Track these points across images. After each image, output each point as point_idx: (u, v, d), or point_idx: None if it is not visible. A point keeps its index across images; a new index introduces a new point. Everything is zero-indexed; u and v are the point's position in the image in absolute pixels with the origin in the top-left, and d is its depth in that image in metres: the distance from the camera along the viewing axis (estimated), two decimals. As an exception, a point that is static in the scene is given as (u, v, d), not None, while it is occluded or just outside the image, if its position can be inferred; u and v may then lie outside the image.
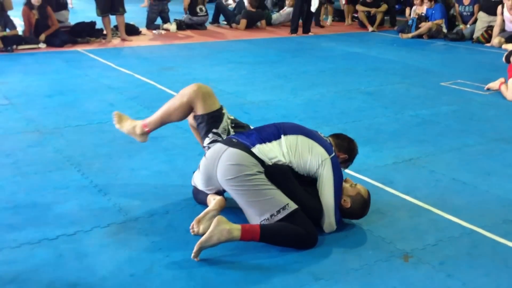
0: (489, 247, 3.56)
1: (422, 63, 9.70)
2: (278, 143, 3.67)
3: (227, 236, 3.31)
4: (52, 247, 3.45)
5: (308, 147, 3.67)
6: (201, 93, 3.87)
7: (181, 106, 3.95)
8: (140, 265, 3.26)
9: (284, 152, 3.64)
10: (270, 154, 3.61)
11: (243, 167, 3.51)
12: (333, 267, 3.29)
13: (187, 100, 3.89)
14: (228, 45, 11.56)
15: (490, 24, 11.98)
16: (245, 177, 3.49)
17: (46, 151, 5.11)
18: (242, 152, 3.58)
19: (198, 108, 3.88)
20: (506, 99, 7.13)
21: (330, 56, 10.36)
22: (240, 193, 3.51)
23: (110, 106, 6.51)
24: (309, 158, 3.64)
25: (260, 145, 3.63)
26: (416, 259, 3.38)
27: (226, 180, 3.55)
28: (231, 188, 3.55)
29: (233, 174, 3.52)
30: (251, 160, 3.55)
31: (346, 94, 7.38)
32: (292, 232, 3.44)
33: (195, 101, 3.87)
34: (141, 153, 5.08)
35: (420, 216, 3.96)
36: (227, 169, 3.55)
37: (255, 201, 3.48)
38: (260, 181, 3.49)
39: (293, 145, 3.67)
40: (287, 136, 3.71)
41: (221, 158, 3.61)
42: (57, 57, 9.74)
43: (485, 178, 4.64)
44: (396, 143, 5.43)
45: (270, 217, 3.46)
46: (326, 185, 3.62)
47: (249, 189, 3.48)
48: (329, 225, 3.64)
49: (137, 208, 3.94)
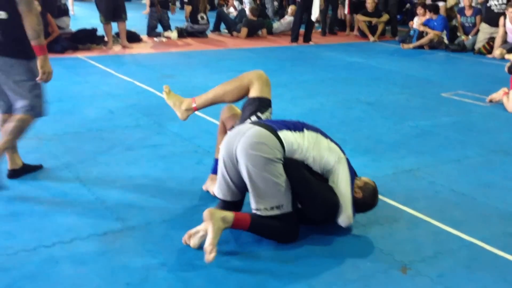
0: (488, 260, 3.54)
1: (423, 74, 9.70)
2: (301, 135, 3.68)
3: (224, 222, 3.42)
4: (48, 255, 3.43)
5: (327, 144, 3.73)
6: (263, 78, 4.02)
7: (239, 87, 4.05)
8: (136, 274, 3.23)
9: (305, 143, 3.64)
10: (294, 142, 3.60)
11: (265, 147, 3.48)
12: (330, 278, 3.27)
13: (247, 82, 4.01)
14: (228, 54, 11.57)
15: (492, 36, 11.98)
16: (263, 160, 3.45)
17: (45, 157, 5.08)
18: (269, 133, 3.56)
19: (254, 90, 3.99)
20: (507, 111, 7.10)
21: (331, 66, 10.36)
22: (251, 172, 3.47)
23: (109, 114, 6.50)
24: (326, 154, 3.67)
25: (286, 131, 3.64)
26: (414, 271, 3.36)
27: (245, 153, 3.48)
28: (245, 162, 3.48)
29: (254, 150, 3.46)
30: (275, 143, 3.53)
31: (346, 104, 7.37)
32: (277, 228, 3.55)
33: (255, 83, 3.99)
34: (139, 161, 5.06)
35: (419, 227, 3.94)
36: (249, 143, 3.49)
37: (259, 187, 3.49)
38: (274, 171, 3.47)
39: (313, 139, 3.69)
40: (309, 131, 3.74)
41: (246, 133, 3.57)
42: (58, 63, 9.71)
43: (484, 190, 4.62)
44: (396, 154, 5.41)
45: (263, 208, 3.52)
46: (343, 180, 3.68)
47: (261, 173, 3.45)
48: (347, 218, 3.67)
49: (134, 217, 3.92)
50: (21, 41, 4.21)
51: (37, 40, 4.16)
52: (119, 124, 6.11)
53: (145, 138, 5.71)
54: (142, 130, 5.97)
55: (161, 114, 6.49)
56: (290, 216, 3.55)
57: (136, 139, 5.68)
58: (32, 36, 4.14)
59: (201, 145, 5.42)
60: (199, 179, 4.53)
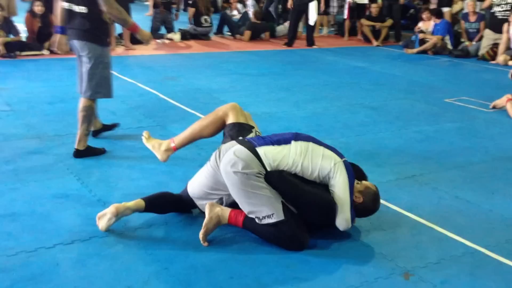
0: (492, 267, 3.52)
1: (427, 79, 9.68)
2: (287, 148, 3.71)
3: (221, 215, 3.65)
4: (49, 256, 3.42)
5: (320, 152, 3.72)
6: (237, 108, 4.17)
7: (214, 120, 4.21)
8: (137, 277, 3.21)
9: (291, 155, 3.66)
10: (276, 156, 3.65)
11: (245, 164, 3.57)
12: (332, 283, 3.25)
13: (222, 114, 4.17)
14: (231, 56, 11.55)
15: (496, 42, 11.95)
16: (241, 176, 3.55)
17: (46, 158, 5.07)
18: (247, 151, 3.64)
19: (230, 119, 4.11)
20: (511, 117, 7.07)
21: (334, 70, 10.34)
22: (236, 188, 3.59)
23: (111, 115, 6.48)
24: (320, 161, 3.66)
25: (267, 146, 3.69)
26: (417, 277, 3.33)
27: (224, 172, 3.63)
28: (228, 179, 3.62)
29: (234, 167, 3.57)
30: (252, 159, 3.60)
31: (350, 108, 7.35)
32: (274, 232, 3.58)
33: (229, 114, 4.14)
34: (141, 163, 5.04)
35: (422, 233, 3.92)
36: (230, 160, 3.61)
37: (246, 201, 3.59)
38: (256, 184, 3.55)
39: (304, 150, 3.70)
40: (298, 142, 3.75)
41: (228, 152, 3.68)
42: (60, 64, 9.72)
43: (488, 196, 4.59)
44: (399, 159, 5.39)
45: (256, 218, 3.59)
46: (340, 183, 3.66)
47: (244, 188, 3.56)
48: (344, 220, 3.65)
49: (135, 219, 3.89)
50: (97, 30, 4.98)
51: (126, 25, 5.10)
52: (121, 126, 6.08)
53: (148, 140, 5.68)
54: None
55: (164, 116, 6.48)
56: (286, 224, 3.54)
57: (138, 141, 5.63)
58: (121, 24, 5.16)
59: (204, 148, 5.39)
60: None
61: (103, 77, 5.10)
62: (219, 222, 3.66)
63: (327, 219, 3.68)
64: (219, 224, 3.66)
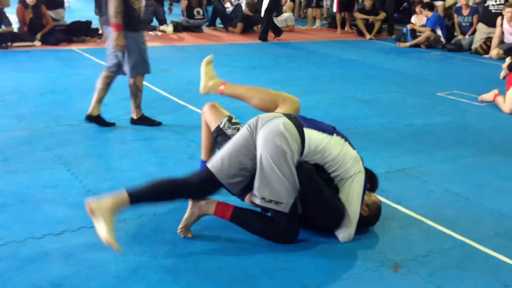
0: (480, 260, 3.52)
1: (419, 73, 9.69)
2: (329, 138, 3.60)
3: (205, 209, 3.55)
4: (38, 246, 3.42)
5: (353, 154, 3.65)
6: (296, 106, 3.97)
7: (272, 100, 4.00)
8: (125, 267, 3.21)
9: (330, 145, 3.56)
10: (319, 143, 3.52)
11: (290, 141, 3.41)
12: (321, 275, 3.25)
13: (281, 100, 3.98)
14: (223, 49, 11.54)
15: (489, 36, 11.96)
16: (279, 151, 3.39)
17: (37, 149, 5.06)
18: (295, 128, 3.48)
19: (283, 108, 3.90)
20: (503, 112, 7.08)
21: (326, 63, 10.34)
22: (265, 158, 3.40)
23: (102, 106, 6.45)
24: (350, 163, 3.59)
25: (313, 130, 3.56)
26: (406, 270, 3.34)
27: (268, 138, 3.41)
28: (265, 146, 3.41)
29: (279, 138, 3.39)
30: (298, 140, 3.45)
31: (341, 102, 7.35)
32: (262, 226, 3.56)
33: (286, 105, 3.93)
34: (131, 154, 5.03)
35: (412, 226, 3.92)
36: (277, 130, 3.43)
37: (265, 175, 3.42)
38: (283, 167, 3.40)
39: (341, 145, 3.62)
40: (338, 136, 3.66)
41: (275, 120, 3.51)
42: (52, 55, 9.70)
43: (478, 190, 4.60)
44: (390, 152, 5.40)
45: (262, 198, 3.46)
46: (357, 196, 3.62)
47: (274, 162, 3.38)
48: (348, 236, 3.63)
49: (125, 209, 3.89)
50: (127, 17, 5.46)
51: (112, 20, 5.40)
52: (112, 117, 6.07)
53: (138, 132, 5.68)
54: (135, 124, 5.93)
55: (155, 108, 6.47)
56: (285, 217, 3.49)
57: (129, 133, 5.65)
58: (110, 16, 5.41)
59: (194, 140, 5.39)
60: (192, 173, 4.49)
61: (139, 58, 5.74)
62: (202, 215, 3.58)
63: (333, 226, 3.66)
64: (201, 217, 3.59)
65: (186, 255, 3.39)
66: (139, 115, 5.95)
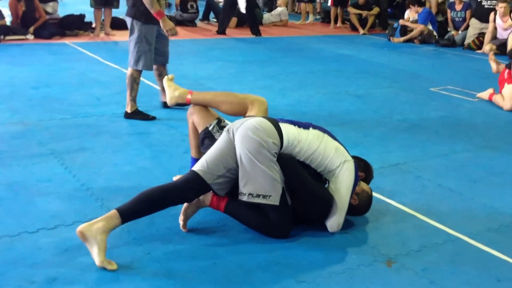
0: (473, 255, 3.54)
1: (412, 68, 9.69)
2: (306, 131, 3.65)
3: (202, 200, 3.60)
4: (32, 241, 3.41)
5: (334, 145, 3.67)
6: (265, 106, 4.04)
7: (240, 103, 4.03)
8: (120, 261, 3.20)
9: (308, 139, 3.60)
10: (297, 136, 3.58)
11: (263, 134, 3.46)
12: (315, 270, 3.26)
13: (249, 102, 4.01)
14: (217, 43, 11.52)
15: (482, 31, 11.99)
16: (258, 145, 3.43)
17: (30, 143, 5.05)
18: (270, 124, 3.55)
19: (252, 111, 3.94)
20: (500, 108, 7.05)
21: (320, 58, 10.34)
22: (243, 154, 3.44)
23: (96, 100, 6.46)
24: (332, 153, 3.62)
25: (288, 125, 3.64)
26: (399, 265, 3.35)
27: (242, 135, 3.48)
28: (240, 142, 3.46)
29: (252, 134, 3.45)
30: (274, 134, 3.51)
31: (335, 96, 7.36)
32: (256, 218, 3.57)
33: (255, 107, 3.97)
34: (125, 148, 5.03)
35: (405, 221, 3.94)
36: (249, 127, 3.50)
37: (248, 171, 3.45)
38: (265, 160, 3.44)
39: (319, 138, 3.65)
40: (315, 129, 3.70)
41: (249, 120, 3.59)
42: (45, 49, 9.67)
43: (471, 185, 4.62)
44: (384, 148, 5.41)
45: (248, 194, 3.48)
46: (345, 185, 3.62)
47: (255, 157, 3.42)
48: (336, 225, 3.63)
49: (119, 204, 3.79)
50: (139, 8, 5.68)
51: (152, 10, 5.62)
52: (106, 111, 6.07)
53: (132, 126, 5.68)
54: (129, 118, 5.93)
55: (148, 102, 6.46)
56: (277, 210, 3.50)
57: (123, 127, 5.65)
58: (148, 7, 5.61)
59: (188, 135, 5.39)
60: (186, 168, 4.47)
61: (143, 51, 5.81)
62: (199, 206, 3.62)
63: (322, 216, 3.66)
64: (199, 208, 3.63)
65: (181, 249, 3.39)
66: (133, 109, 5.93)
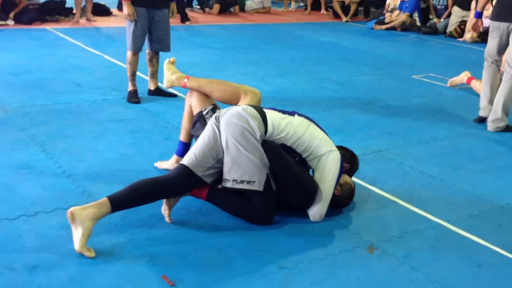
0: (454, 240, 3.56)
1: (394, 55, 9.72)
2: (291, 118, 3.67)
3: None
4: (12, 227, 3.39)
5: (320, 135, 3.69)
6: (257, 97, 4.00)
7: (233, 92, 4.04)
8: (101, 247, 3.19)
9: (295, 125, 3.62)
10: (281, 122, 3.59)
11: (251, 119, 3.48)
12: (297, 256, 3.26)
13: (242, 92, 4.02)
14: (200, 30, 11.48)
15: (464, 19, 12.03)
16: (242, 130, 3.45)
17: (10, 129, 5.01)
18: (254, 110, 3.57)
19: (244, 101, 3.93)
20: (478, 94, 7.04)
21: (303, 45, 10.32)
22: (228, 140, 3.45)
23: (77, 87, 6.41)
24: (318, 141, 3.63)
25: (273, 111, 3.66)
26: (381, 251, 3.37)
27: (227, 121, 3.49)
28: (225, 128, 3.48)
29: (236, 119, 3.47)
30: (258, 120, 3.51)
31: (317, 83, 7.36)
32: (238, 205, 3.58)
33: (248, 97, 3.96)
34: (107, 135, 5.00)
35: (387, 208, 3.95)
36: (234, 113, 3.52)
37: (233, 157, 3.45)
38: (253, 144, 3.45)
39: (306, 125, 3.67)
40: (300, 117, 3.72)
41: (234, 108, 3.63)
42: (25, 34, 9.58)
43: (452, 172, 4.64)
44: (366, 134, 5.42)
45: (232, 180, 3.48)
46: (330, 174, 3.63)
47: (240, 142, 3.43)
48: (319, 215, 3.64)
49: (100, 190, 3.86)
50: None
51: None
52: (87, 98, 6.03)
53: (113, 112, 5.64)
54: (110, 104, 5.90)
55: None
56: (261, 196, 3.51)
57: (104, 113, 5.61)
58: None
59: (170, 121, 5.38)
60: (168, 154, 4.48)
61: (132, 33, 6.01)
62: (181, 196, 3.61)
63: (306, 202, 3.66)
64: (180, 197, 3.61)
65: (162, 236, 3.38)
66: (131, 89, 6.14)
